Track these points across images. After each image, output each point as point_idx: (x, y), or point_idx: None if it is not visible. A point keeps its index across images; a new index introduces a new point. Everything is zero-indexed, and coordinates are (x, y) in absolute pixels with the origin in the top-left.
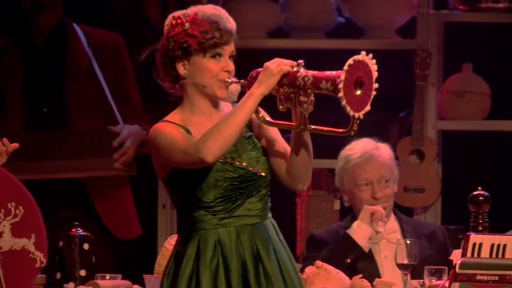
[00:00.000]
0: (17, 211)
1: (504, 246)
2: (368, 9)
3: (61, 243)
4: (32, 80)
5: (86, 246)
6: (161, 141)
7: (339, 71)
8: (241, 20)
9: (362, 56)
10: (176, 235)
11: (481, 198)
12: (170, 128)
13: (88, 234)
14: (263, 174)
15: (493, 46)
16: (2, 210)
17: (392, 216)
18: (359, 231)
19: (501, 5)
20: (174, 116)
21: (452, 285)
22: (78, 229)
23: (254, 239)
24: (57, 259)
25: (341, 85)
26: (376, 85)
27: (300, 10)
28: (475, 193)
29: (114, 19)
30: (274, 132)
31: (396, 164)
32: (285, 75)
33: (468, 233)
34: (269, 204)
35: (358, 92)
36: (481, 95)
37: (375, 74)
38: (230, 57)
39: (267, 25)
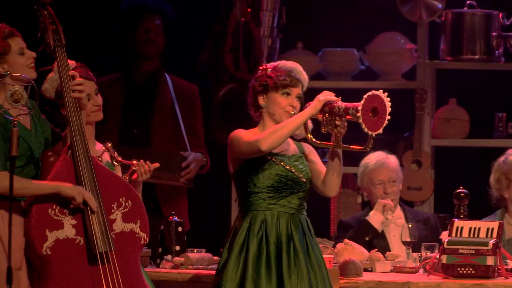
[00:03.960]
0: (127, 204)
1: (479, 229)
2: (382, 60)
3: (162, 227)
4: (129, 109)
5: (180, 229)
6: (235, 138)
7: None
8: None
9: (379, 92)
10: None
11: (462, 194)
12: (243, 131)
13: (181, 220)
14: (303, 180)
15: (471, 86)
16: (116, 203)
17: (398, 207)
18: (375, 218)
19: (477, 56)
20: (252, 130)
21: (441, 256)
22: (175, 216)
23: (290, 224)
24: (159, 238)
25: (360, 107)
26: (388, 117)
27: (333, 61)
28: (458, 191)
29: (201, 67)
30: (315, 157)
31: (401, 169)
32: (327, 104)
33: (453, 220)
34: (305, 205)
35: (374, 117)
36: (463, 121)
37: (388, 108)
38: (296, 97)
39: (309, 71)
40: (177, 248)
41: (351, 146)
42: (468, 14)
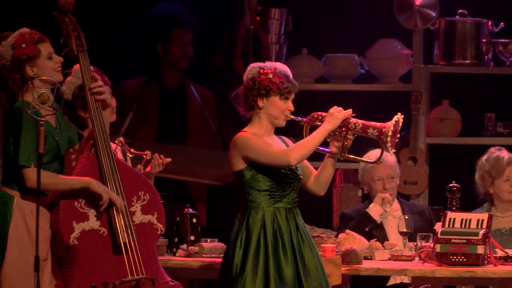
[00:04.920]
0: (145, 197)
1: (470, 220)
2: (380, 64)
3: (177, 218)
4: (165, 111)
5: (194, 220)
6: (251, 144)
7: (384, 123)
8: (297, 71)
9: (400, 116)
10: None
11: (454, 188)
12: (255, 138)
13: (196, 212)
14: (301, 176)
15: (463, 88)
16: (135, 196)
17: (396, 200)
18: (374, 210)
19: (468, 61)
20: (248, 129)
21: (435, 245)
22: (190, 209)
23: (294, 216)
24: (175, 228)
25: (389, 135)
26: (399, 135)
27: (335, 65)
28: (450, 185)
29: (214, 71)
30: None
31: (398, 166)
32: (343, 120)
33: (446, 212)
34: (298, 199)
35: (393, 139)
36: (455, 120)
37: (400, 126)
38: (291, 100)
39: (314, 74)
40: (192, 238)
41: (359, 158)
42: (460, 22)
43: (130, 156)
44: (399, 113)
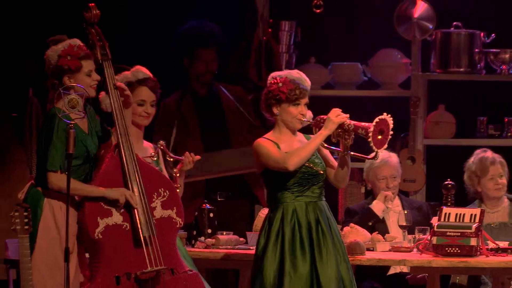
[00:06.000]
0: (165, 193)
1: (464, 215)
2: (381, 72)
3: (196, 213)
4: (204, 118)
5: (211, 215)
6: (261, 151)
7: (369, 124)
8: None
9: (384, 116)
10: (265, 208)
11: (449, 185)
12: (268, 144)
13: (213, 207)
14: (321, 172)
15: (457, 94)
16: (156, 193)
17: (397, 197)
18: (377, 206)
19: (462, 69)
20: (270, 135)
21: (432, 238)
22: (207, 204)
23: (316, 210)
24: (194, 222)
25: (370, 134)
26: (391, 133)
27: (340, 73)
28: (446, 182)
29: (228, 78)
30: (328, 153)
31: (400, 166)
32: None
33: (442, 207)
34: (324, 192)
35: (379, 137)
36: (450, 123)
37: (391, 126)
38: (305, 104)
39: (320, 81)
40: (209, 231)
41: (359, 154)
42: (455, 34)
43: (170, 159)
44: (385, 113)
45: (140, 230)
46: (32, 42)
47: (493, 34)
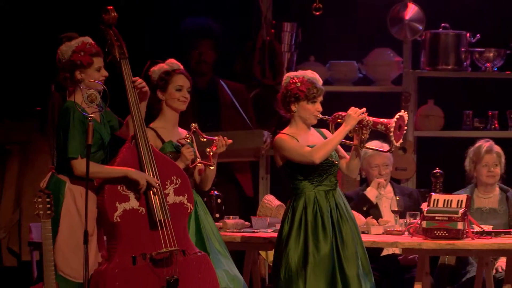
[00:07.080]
0: (177, 181)
1: (451, 201)
2: (375, 69)
3: (205, 199)
4: (201, 107)
5: (219, 201)
6: (286, 146)
7: (389, 120)
8: None
9: (402, 113)
10: (269, 194)
11: (438, 174)
12: (291, 139)
13: (220, 194)
14: (336, 162)
15: (445, 90)
16: (169, 180)
17: (389, 184)
18: (371, 192)
19: (449, 67)
20: (287, 130)
21: (422, 222)
22: (215, 191)
23: (334, 197)
24: None
25: (392, 129)
26: (406, 128)
27: (338, 70)
28: (434, 171)
29: (236, 75)
30: (339, 146)
31: (392, 155)
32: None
33: (431, 194)
34: (337, 180)
35: (398, 132)
36: (438, 117)
37: (406, 121)
38: (320, 102)
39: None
40: (217, 215)
41: (373, 147)
42: (443, 34)
43: (203, 140)
44: (403, 110)
45: (155, 213)
46: (51, 41)
47: (478, 35)
